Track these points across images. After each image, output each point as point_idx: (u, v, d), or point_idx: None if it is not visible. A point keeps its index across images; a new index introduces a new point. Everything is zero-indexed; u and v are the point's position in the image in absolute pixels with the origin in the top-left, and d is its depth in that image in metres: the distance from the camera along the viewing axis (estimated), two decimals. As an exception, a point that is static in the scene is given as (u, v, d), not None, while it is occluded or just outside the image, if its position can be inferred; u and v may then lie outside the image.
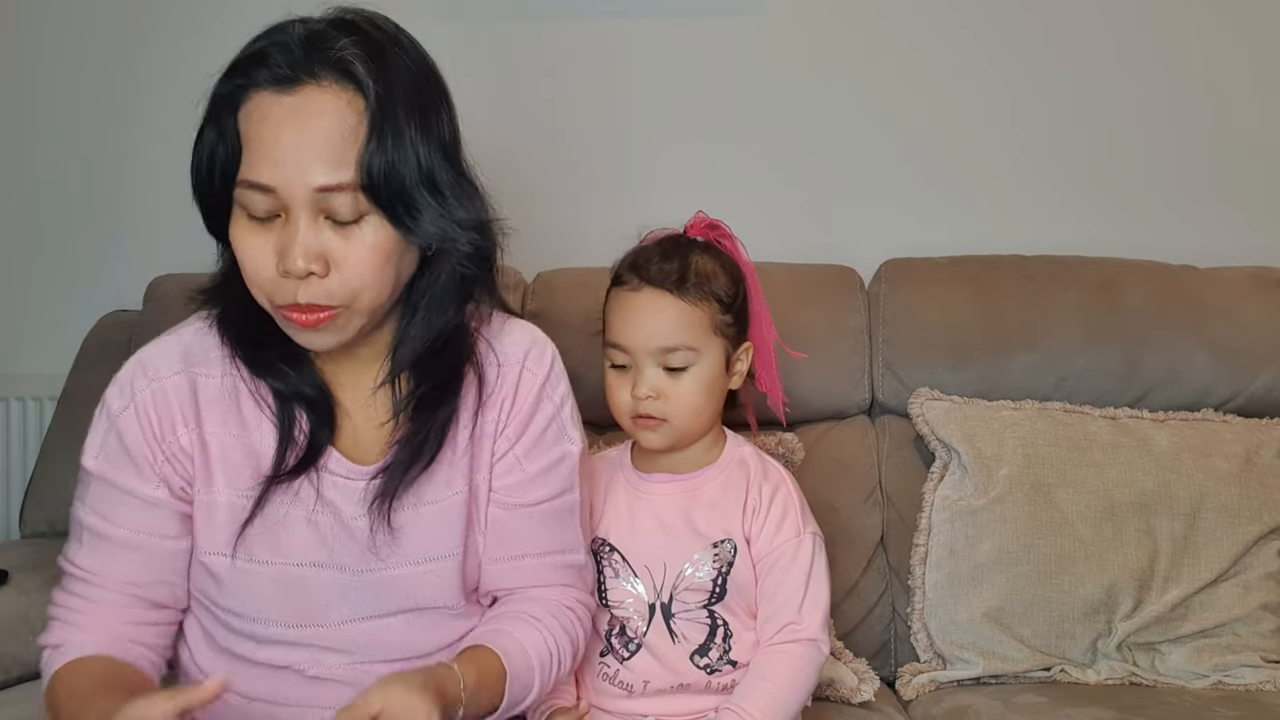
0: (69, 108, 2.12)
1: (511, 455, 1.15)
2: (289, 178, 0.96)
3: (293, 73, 0.97)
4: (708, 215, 1.35)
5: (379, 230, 0.99)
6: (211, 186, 1.01)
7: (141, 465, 1.08)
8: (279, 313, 1.02)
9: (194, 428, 1.08)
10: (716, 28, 2.01)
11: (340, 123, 0.96)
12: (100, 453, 1.08)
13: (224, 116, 0.99)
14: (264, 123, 0.97)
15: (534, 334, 1.19)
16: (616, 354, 1.28)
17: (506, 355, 1.15)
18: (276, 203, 0.97)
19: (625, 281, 1.29)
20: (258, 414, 1.09)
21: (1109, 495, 1.59)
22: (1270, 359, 1.71)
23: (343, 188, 0.96)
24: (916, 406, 1.70)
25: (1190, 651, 1.56)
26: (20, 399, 2.14)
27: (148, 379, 1.09)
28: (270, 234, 0.99)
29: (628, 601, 1.28)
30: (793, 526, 1.27)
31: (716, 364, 1.28)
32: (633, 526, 1.30)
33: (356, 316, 1.02)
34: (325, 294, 0.99)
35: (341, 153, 0.96)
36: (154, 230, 2.11)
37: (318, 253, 0.97)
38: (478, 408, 1.13)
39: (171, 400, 1.08)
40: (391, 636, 1.12)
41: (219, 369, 1.10)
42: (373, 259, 0.99)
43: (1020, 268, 1.79)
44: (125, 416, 1.08)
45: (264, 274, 1.00)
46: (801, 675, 1.23)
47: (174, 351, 1.10)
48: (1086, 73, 1.99)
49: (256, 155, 0.97)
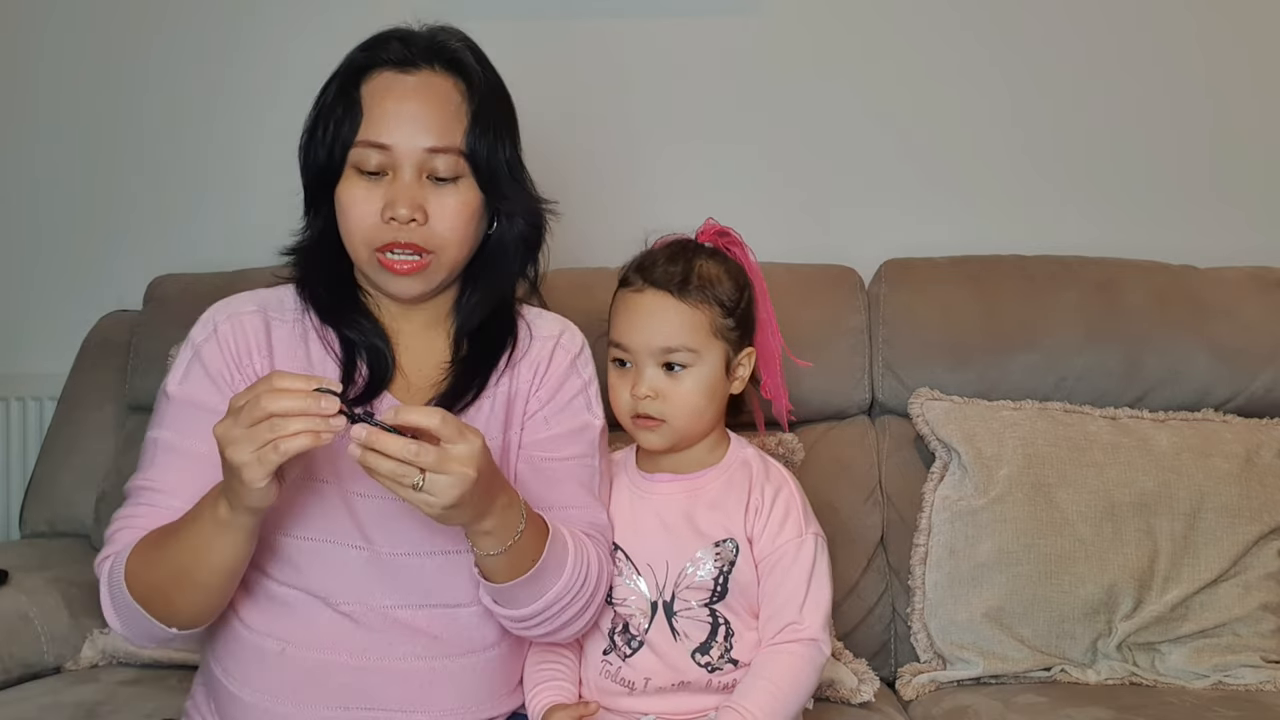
0: (69, 108, 2.12)
1: (540, 415, 1.26)
2: (405, 139, 1.17)
3: (414, 58, 1.19)
4: (718, 222, 1.36)
5: (469, 191, 1.20)
6: (329, 153, 1.19)
7: (220, 384, 1.20)
8: (376, 256, 1.19)
9: (266, 357, 1.22)
10: (716, 28, 2.01)
11: (449, 101, 1.19)
12: (184, 379, 1.21)
13: (349, 89, 1.19)
14: (388, 94, 1.18)
15: (566, 322, 1.33)
16: (618, 353, 1.30)
17: (541, 332, 1.30)
18: (388, 160, 1.17)
19: (630, 283, 1.31)
20: (323, 355, 1.23)
21: (1109, 495, 1.60)
22: (1270, 359, 1.71)
23: (448, 150, 1.18)
24: (916, 406, 1.70)
25: (1190, 651, 1.56)
26: (20, 399, 2.14)
27: (228, 314, 1.23)
28: (376, 188, 1.18)
29: (630, 599, 1.29)
30: (795, 527, 1.28)
31: (717, 367, 1.29)
32: (635, 525, 1.30)
33: (440, 269, 1.21)
34: (422, 238, 1.18)
35: (449, 124, 1.18)
36: (154, 230, 2.11)
37: (420, 203, 1.17)
38: (510, 367, 1.27)
39: (249, 333, 1.22)
40: (425, 576, 1.18)
41: (291, 317, 1.25)
42: (462, 213, 1.19)
43: (1020, 268, 1.79)
44: (208, 344, 1.21)
45: (367, 220, 1.18)
46: (802, 675, 1.23)
47: (251, 299, 1.26)
48: (1086, 73, 1.99)
49: (378, 119, 1.17)
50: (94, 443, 1.86)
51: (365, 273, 1.23)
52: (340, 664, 1.16)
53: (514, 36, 1.97)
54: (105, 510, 1.79)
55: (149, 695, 1.49)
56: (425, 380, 1.25)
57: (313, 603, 1.17)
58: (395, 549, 1.18)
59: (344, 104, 1.19)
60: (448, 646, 1.19)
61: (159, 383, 1.75)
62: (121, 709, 1.43)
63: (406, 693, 1.16)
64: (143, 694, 1.49)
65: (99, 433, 1.86)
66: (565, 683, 1.27)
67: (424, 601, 1.18)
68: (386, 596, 1.17)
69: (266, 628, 1.17)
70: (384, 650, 1.16)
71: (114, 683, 1.53)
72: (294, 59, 2.02)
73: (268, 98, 2.04)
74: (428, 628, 1.18)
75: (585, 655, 1.31)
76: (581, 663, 1.31)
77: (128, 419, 1.85)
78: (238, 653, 1.18)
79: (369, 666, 1.16)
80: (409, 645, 1.17)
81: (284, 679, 1.16)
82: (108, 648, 1.62)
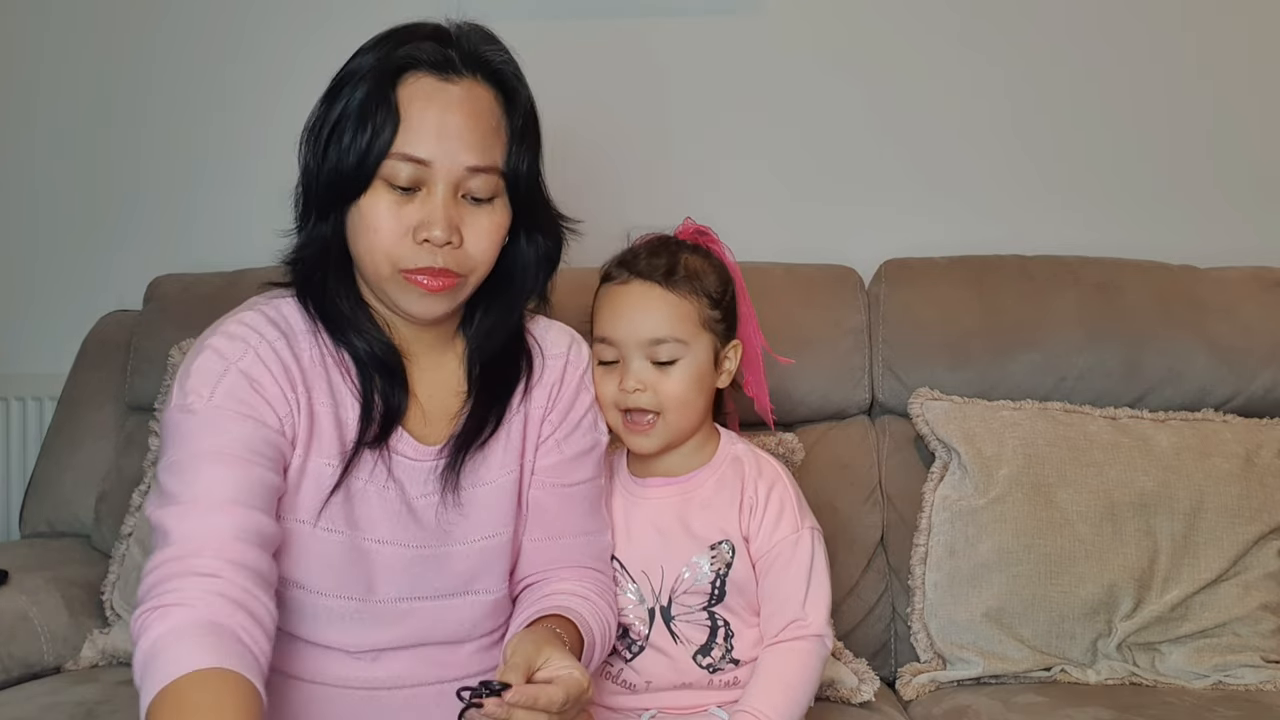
0: (69, 108, 2.13)
1: (553, 440, 1.23)
2: (447, 155, 1.08)
3: (457, 64, 1.10)
4: (695, 221, 1.35)
5: (502, 212, 1.13)
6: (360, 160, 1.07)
7: (270, 398, 1.08)
8: (402, 276, 1.09)
9: (304, 390, 1.11)
10: (717, 28, 2.01)
11: (491, 116, 1.11)
12: (214, 393, 1.06)
13: (385, 89, 1.08)
14: (430, 103, 1.08)
15: (573, 333, 1.28)
16: (605, 349, 1.28)
17: (550, 349, 1.25)
18: (423, 175, 1.08)
19: (614, 277, 1.29)
20: (343, 386, 1.14)
21: (1109, 495, 1.59)
22: (1270, 359, 1.71)
23: (489, 170, 1.10)
24: (916, 406, 1.70)
25: (1190, 651, 1.56)
26: (20, 399, 2.14)
27: (259, 335, 1.11)
28: (407, 204, 1.08)
29: (627, 607, 1.28)
30: (790, 523, 1.27)
31: (705, 359, 1.28)
32: (629, 532, 1.30)
33: (466, 290, 1.14)
34: (456, 262, 1.10)
35: (491, 141, 1.11)
36: (154, 230, 2.12)
37: (456, 225, 1.09)
38: (526, 393, 1.22)
39: (285, 358, 1.11)
40: (438, 618, 1.17)
41: (307, 341, 1.14)
42: (495, 235, 1.13)
43: (1020, 268, 1.79)
44: (246, 358, 1.09)
45: (396, 239, 1.08)
46: (811, 672, 1.23)
47: (264, 321, 1.13)
48: (1087, 73, 1.99)
49: (418, 130, 1.07)
50: (94, 443, 1.86)
51: (385, 289, 1.13)
52: (349, 693, 1.15)
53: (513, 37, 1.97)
54: (105, 510, 1.79)
55: (149, 695, 1.49)
56: (442, 412, 1.19)
57: (315, 646, 1.15)
58: (406, 595, 1.15)
59: (381, 108, 1.07)
60: (454, 670, 1.18)
61: (159, 383, 1.78)
62: (121, 709, 1.43)
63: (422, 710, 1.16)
64: (143, 694, 1.49)
65: (99, 433, 1.86)
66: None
67: (425, 640, 1.17)
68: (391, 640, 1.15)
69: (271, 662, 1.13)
70: (392, 682, 1.16)
71: (114, 683, 1.53)
72: (295, 59, 2.03)
73: (268, 98, 2.04)
74: (435, 658, 1.17)
75: (586, 656, 1.31)
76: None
77: (128, 419, 1.85)
78: None
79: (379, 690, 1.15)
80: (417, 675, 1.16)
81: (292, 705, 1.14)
82: (108, 648, 1.62)
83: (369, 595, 1.13)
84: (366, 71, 1.09)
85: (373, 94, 1.08)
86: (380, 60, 1.09)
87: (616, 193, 1.99)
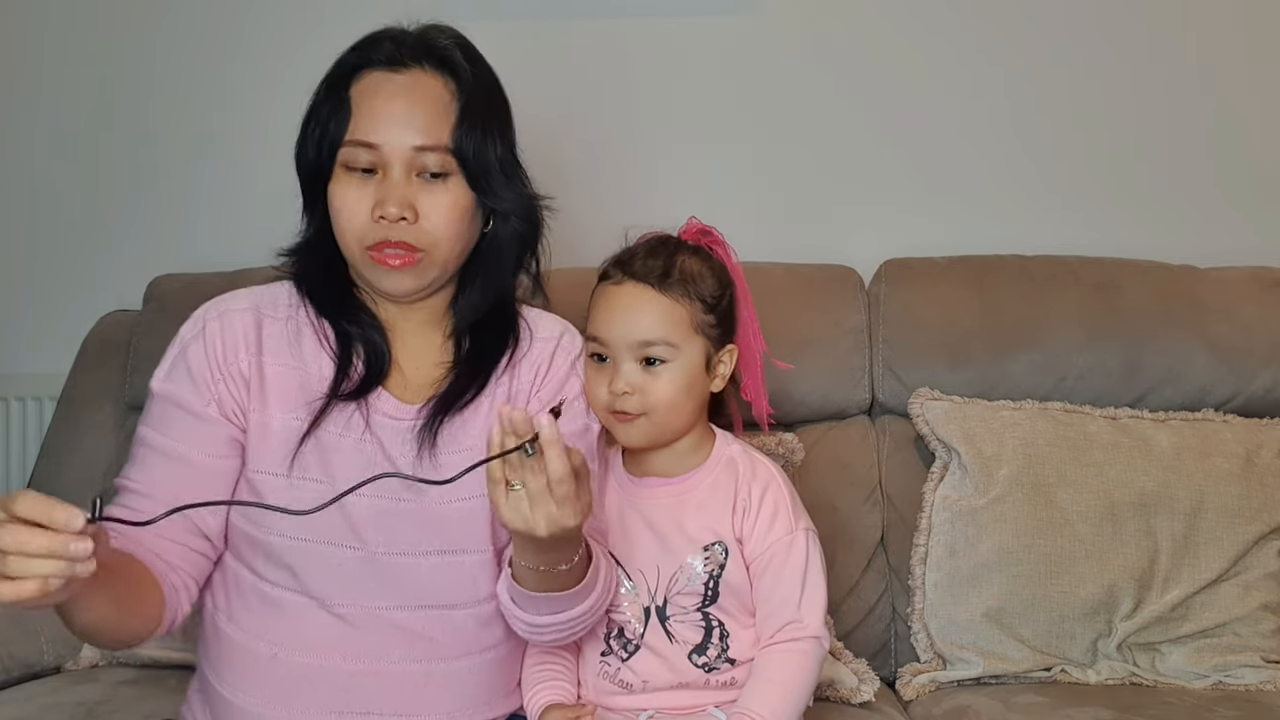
0: (69, 108, 2.12)
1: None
2: (394, 138, 1.16)
3: (404, 57, 1.19)
4: (700, 221, 1.34)
5: (459, 188, 1.19)
6: (318, 151, 1.20)
7: (200, 385, 1.19)
8: (368, 254, 1.18)
9: (254, 355, 1.21)
10: (716, 28, 2.01)
11: (438, 99, 1.18)
12: (167, 376, 1.21)
13: (339, 89, 1.20)
14: (377, 94, 1.18)
15: (566, 323, 1.33)
16: (596, 347, 1.27)
17: (541, 334, 1.30)
18: (377, 159, 1.17)
19: (609, 276, 1.28)
20: (317, 349, 1.23)
21: (1109, 495, 1.59)
22: (1270, 359, 1.71)
23: (436, 148, 1.17)
24: (916, 406, 1.70)
25: (1190, 651, 1.56)
26: (20, 399, 2.14)
27: (218, 312, 1.23)
28: (366, 187, 1.18)
29: (623, 605, 1.28)
30: (784, 524, 1.26)
31: (696, 363, 1.26)
32: (624, 531, 1.29)
33: (433, 266, 1.20)
34: (413, 237, 1.17)
35: (437, 121, 1.18)
36: (154, 230, 2.11)
37: (409, 201, 1.16)
38: (511, 366, 1.27)
39: (237, 330, 1.22)
40: (420, 577, 1.18)
41: (284, 314, 1.25)
42: (453, 211, 1.19)
43: (1020, 268, 1.79)
44: (194, 344, 1.21)
45: (358, 219, 1.18)
46: (807, 674, 1.23)
47: (245, 296, 1.26)
48: (1086, 73, 1.99)
49: (367, 119, 1.17)
50: (94, 443, 1.85)
51: (359, 270, 1.22)
52: (333, 668, 1.15)
53: (513, 37, 1.97)
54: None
55: (149, 695, 1.49)
56: (424, 379, 1.24)
57: (306, 604, 1.16)
58: (390, 549, 1.17)
59: (333, 104, 1.20)
60: (443, 649, 1.18)
61: (158, 383, 1.78)
62: (121, 709, 1.43)
63: (401, 697, 1.16)
64: (142, 694, 1.49)
65: (99, 433, 1.86)
66: (564, 683, 1.27)
67: (419, 603, 1.18)
68: (381, 598, 1.17)
69: (258, 631, 1.17)
70: (378, 653, 1.16)
71: (114, 683, 1.53)
72: (294, 59, 2.01)
73: (267, 97, 2.04)
74: (423, 630, 1.17)
75: (583, 656, 1.31)
76: (580, 664, 1.31)
77: (128, 419, 1.85)
78: (229, 657, 1.17)
79: (362, 670, 1.15)
80: (403, 648, 1.17)
81: (276, 683, 1.15)
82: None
83: (363, 545, 1.16)
84: (329, 74, 1.22)
85: (330, 92, 1.20)
86: (339, 63, 1.22)
87: (616, 192, 1.99)
